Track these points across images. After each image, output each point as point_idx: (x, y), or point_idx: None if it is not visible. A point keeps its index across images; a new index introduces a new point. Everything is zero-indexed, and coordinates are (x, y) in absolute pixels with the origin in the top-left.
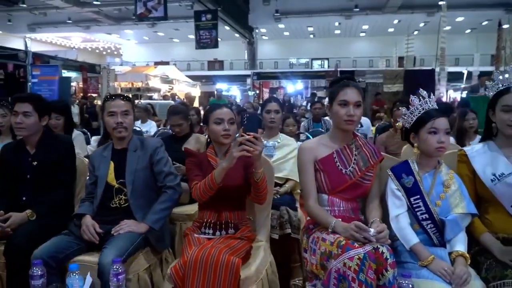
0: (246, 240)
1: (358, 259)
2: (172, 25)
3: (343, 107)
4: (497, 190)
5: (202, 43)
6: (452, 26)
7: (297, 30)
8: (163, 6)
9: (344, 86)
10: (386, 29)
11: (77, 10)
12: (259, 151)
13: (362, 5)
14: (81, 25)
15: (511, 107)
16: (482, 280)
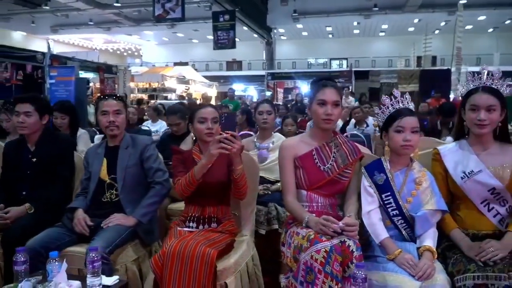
0: (227, 233)
1: (325, 252)
2: (191, 26)
3: (321, 107)
4: (466, 187)
5: (220, 43)
6: (473, 25)
7: (315, 30)
8: (180, 7)
9: (323, 86)
10: (406, 29)
11: (98, 11)
12: (236, 148)
13: (382, 4)
14: (102, 27)
15: (477, 107)
16: (448, 274)
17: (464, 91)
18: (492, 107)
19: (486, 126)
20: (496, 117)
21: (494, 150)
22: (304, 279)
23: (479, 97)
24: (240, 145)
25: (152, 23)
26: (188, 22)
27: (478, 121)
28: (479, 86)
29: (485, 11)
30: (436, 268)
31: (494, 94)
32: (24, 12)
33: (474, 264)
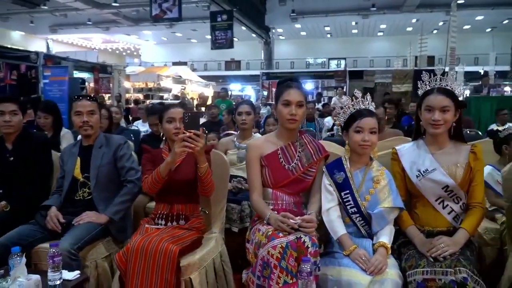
0: (194, 230)
1: (281, 248)
2: (190, 26)
3: (286, 107)
4: (421, 185)
5: (218, 43)
6: (471, 25)
7: (314, 30)
8: (177, 7)
9: (288, 87)
10: (404, 28)
11: (96, 11)
12: (199, 147)
13: (379, 4)
14: (100, 26)
15: (432, 107)
16: (401, 270)
17: (421, 92)
18: (446, 107)
19: (441, 126)
20: (450, 117)
21: (449, 149)
22: (261, 274)
23: (434, 98)
24: (203, 144)
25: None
26: (186, 22)
27: (432, 121)
28: (434, 87)
29: (483, 11)
30: (389, 263)
31: (448, 95)
32: (23, 11)
33: (425, 260)
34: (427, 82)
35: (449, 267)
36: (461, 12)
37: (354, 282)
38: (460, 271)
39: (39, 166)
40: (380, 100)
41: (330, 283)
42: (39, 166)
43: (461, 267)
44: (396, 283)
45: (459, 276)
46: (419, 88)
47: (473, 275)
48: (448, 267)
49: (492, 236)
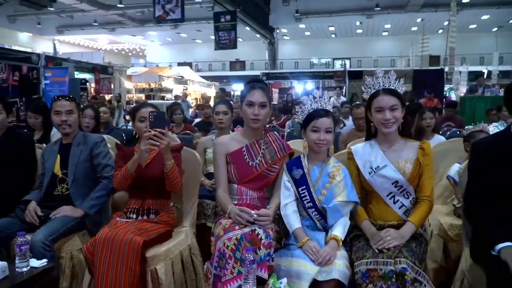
0: (163, 224)
1: (236, 239)
2: (194, 27)
3: (249, 107)
4: (374, 181)
5: (221, 44)
6: (477, 25)
7: (318, 30)
8: (180, 8)
9: (252, 89)
10: (409, 28)
11: (102, 13)
12: (164, 144)
13: (383, 4)
14: (106, 27)
15: (382, 108)
16: (351, 261)
17: (367, 95)
18: (394, 106)
19: (392, 125)
20: (399, 115)
21: (399, 147)
22: (217, 264)
23: (382, 99)
24: (167, 142)
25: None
26: (191, 23)
27: (384, 121)
28: (380, 89)
29: (488, 10)
30: (338, 254)
31: (394, 95)
32: (30, 13)
33: (371, 252)
34: (371, 85)
35: (390, 258)
36: (467, 11)
37: (303, 272)
38: (400, 261)
39: (23, 164)
40: None
41: (282, 272)
42: (23, 163)
43: (402, 258)
44: (343, 273)
45: (399, 266)
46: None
47: (414, 266)
48: (389, 258)
49: (456, 232)
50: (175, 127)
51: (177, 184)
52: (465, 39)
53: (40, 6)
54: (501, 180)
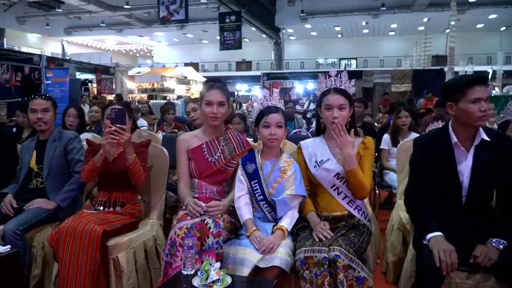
0: (128, 215)
1: (186, 229)
2: (200, 27)
3: (208, 106)
4: (318, 174)
5: (226, 44)
6: (484, 24)
7: (324, 30)
8: (184, 9)
9: (210, 88)
10: (416, 28)
11: (109, 14)
12: (124, 140)
13: (389, 3)
14: (114, 28)
15: (331, 106)
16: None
17: (318, 93)
18: (343, 105)
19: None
20: (346, 114)
21: None
22: (168, 252)
23: (331, 97)
24: (127, 137)
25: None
26: (197, 23)
27: (332, 119)
28: (331, 88)
29: (496, 9)
30: (283, 243)
31: (343, 94)
32: (39, 14)
33: (311, 241)
34: (323, 83)
35: (325, 246)
36: (474, 11)
37: (246, 259)
38: (334, 249)
39: (5, 159)
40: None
41: (229, 260)
42: (5, 159)
43: (336, 246)
44: (285, 260)
45: (332, 253)
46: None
47: (347, 253)
48: (324, 246)
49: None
50: (165, 126)
51: (140, 177)
52: (472, 39)
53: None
54: (437, 174)
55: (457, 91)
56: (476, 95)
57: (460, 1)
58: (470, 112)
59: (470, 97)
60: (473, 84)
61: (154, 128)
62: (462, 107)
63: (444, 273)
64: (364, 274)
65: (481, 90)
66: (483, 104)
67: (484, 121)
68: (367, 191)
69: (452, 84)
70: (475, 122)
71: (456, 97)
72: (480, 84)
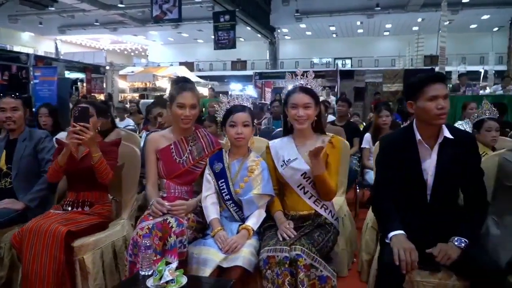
0: (96, 215)
1: (147, 229)
2: (195, 26)
3: (180, 109)
4: (285, 173)
5: (221, 43)
6: (478, 24)
7: (319, 29)
8: (177, 8)
9: (182, 90)
10: (410, 28)
11: (103, 12)
12: (87, 138)
13: (384, 4)
14: (108, 27)
15: (296, 105)
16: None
17: (285, 91)
18: (308, 104)
19: (305, 121)
20: (312, 113)
21: (311, 141)
22: (132, 252)
23: (297, 96)
24: (90, 135)
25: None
26: (192, 23)
27: (297, 117)
28: (297, 87)
29: (488, 10)
30: (247, 243)
31: (309, 93)
32: (32, 13)
33: (275, 240)
34: (289, 82)
35: (286, 245)
36: (467, 11)
37: (209, 259)
38: (296, 249)
39: None
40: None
41: (193, 259)
42: None
43: (298, 245)
44: (248, 260)
45: (293, 253)
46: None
47: (309, 252)
48: (285, 245)
49: None
50: (150, 126)
51: (106, 176)
52: (465, 39)
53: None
54: (402, 172)
55: (416, 89)
56: (433, 93)
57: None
58: (428, 109)
59: (427, 95)
60: (431, 82)
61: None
62: (420, 105)
63: (403, 272)
64: (327, 273)
65: (439, 88)
66: (441, 102)
67: (442, 119)
68: (333, 194)
69: (412, 82)
70: (433, 120)
71: (416, 95)
72: (437, 82)
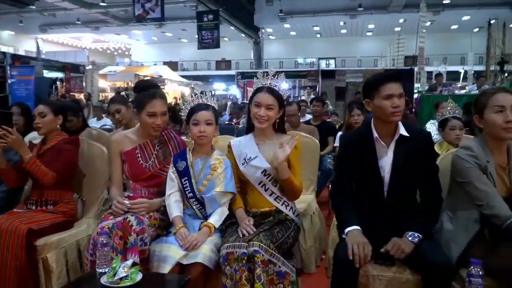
0: (60, 214)
1: (107, 228)
2: (179, 26)
3: (151, 118)
4: (246, 171)
5: (204, 43)
6: (459, 25)
7: (303, 29)
8: (160, 7)
9: (152, 98)
10: (392, 29)
11: (84, 11)
12: (11, 141)
13: (366, 4)
14: (90, 26)
15: (259, 104)
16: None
17: (252, 90)
18: (271, 106)
19: (265, 122)
20: (273, 114)
21: (272, 140)
22: (92, 252)
23: (262, 96)
24: (13, 139)
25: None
26: (175, 22)
27: (258, 116)
28: (265, 86)
29: (469, 11)
30: (208, 240)
31: (274, 95)
32: (12, 11)
33: (234, 237)
34: (263, 81)
35: (244, 241)
36: (449, 12)
37: (169, 256)
38: (254, 245)
39: None
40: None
41: (155, 257)
42: None
43: (256, 241)
44: (208, 256)
45: (251, 249)
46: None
47: (268, 248)
48: (243, 241)
49: None
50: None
51: (43, 177)
52: (447, 39)
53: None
54: (360, 169)
55: (372, 88)
56: (388, 92)
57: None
58: (383, 108)
59: (383, 93)
60: (386, 81)
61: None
62: (376, 103)
63: (357, 266)
64: (285, 269)
65: (393, 87)
66: (395, 101)
67: (397, 116)
68: (299, 194)
69: (368, 82)
70: (388, 118)
71: (372, 94)
72: (392, 81)
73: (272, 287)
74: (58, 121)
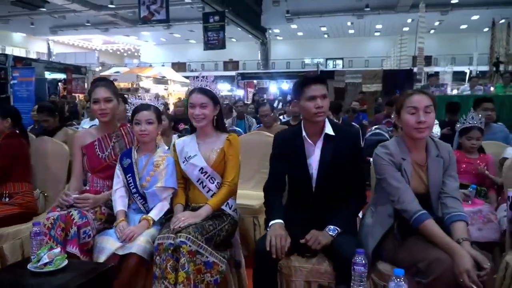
0: (17, 206)
1: (52, 219)
2: (187, 27)
3: (96, 104)
4: (187, 169)
5: (210, 44)
6: (468, 25)
7: (310, 30)
8: (165, 9)
9: (94, 87)
10: (401, 28)
11: (94, 13)
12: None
13: (373, 4)
14: (99, 28)
15: (193, 104)
16: None
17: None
18: (204, 104)
19: (201, 120)
20: (209, 112)
21: (211, 138)
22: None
23: (195, 96)
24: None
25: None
26: (183, 23)
27: (194, 116)
28: (196, 88)
29: (478, 10)
30: (145, 232)
31: (206, 94)
32: (23, 14)
33: (167, 230)
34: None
35: (173, 233)
36: (457, 11)
37: (106, 247)
38: (181, 236)
39: None
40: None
41: (96, 249)
42: None
43: (184, 233)
44: (143, 247)
45: (178, 240)
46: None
47: (195, 240)
48: (171, 233)
49: None
50: None
51: None
52: (455, 39)
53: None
54: (291, 166)
55: (298, 90)
56: (311, 93)
57: (443, 2)
58: (307, 108)
59: (306, 95)
60: (309, 83)
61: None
62: (302, 104)
63: (273, 257)
64: (213, 259)
65: (316, 89)
66: (318, 102)
67: (320, 117)
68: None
69: (295, 83)
70: (312, 118)
71: (298, 95)
72: (315, 83)
73: (200, 276)
74: (5, 123)
